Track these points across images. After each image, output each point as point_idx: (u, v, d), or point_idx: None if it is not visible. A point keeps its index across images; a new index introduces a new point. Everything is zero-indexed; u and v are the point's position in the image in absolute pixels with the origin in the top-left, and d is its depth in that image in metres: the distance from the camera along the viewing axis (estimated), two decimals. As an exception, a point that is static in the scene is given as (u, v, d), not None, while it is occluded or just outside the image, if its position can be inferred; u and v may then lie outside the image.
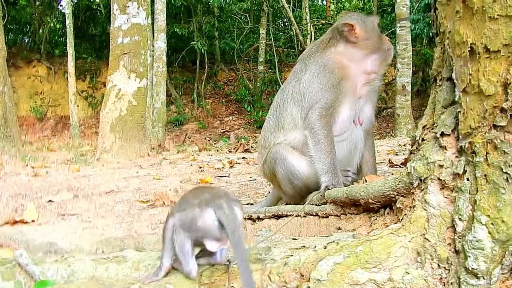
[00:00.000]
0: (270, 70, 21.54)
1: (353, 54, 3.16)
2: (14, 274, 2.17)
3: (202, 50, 19.36)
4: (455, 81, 1.87)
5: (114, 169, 7.00)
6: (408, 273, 1.81)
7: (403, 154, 6.72)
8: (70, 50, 14.60)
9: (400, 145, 8.41)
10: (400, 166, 5.21)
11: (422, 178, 1.95)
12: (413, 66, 14.31)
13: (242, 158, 8.14)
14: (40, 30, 22.92)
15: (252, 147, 10.34)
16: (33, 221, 4.05)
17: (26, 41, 23.96)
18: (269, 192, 3.86)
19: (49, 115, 21.42)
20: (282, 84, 3.77)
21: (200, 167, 6.98)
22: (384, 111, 19.81)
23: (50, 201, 4.78)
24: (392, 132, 13.88)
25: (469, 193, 1.79)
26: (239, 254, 1.77)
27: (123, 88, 8.43)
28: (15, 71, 21.10)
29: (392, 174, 4.30)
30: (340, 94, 3.05)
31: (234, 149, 10.66)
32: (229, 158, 8.04)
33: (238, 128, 19.49)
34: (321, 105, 3.04)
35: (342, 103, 3.07)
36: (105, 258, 2.28)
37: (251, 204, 4.14)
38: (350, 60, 3.15)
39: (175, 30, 18.75)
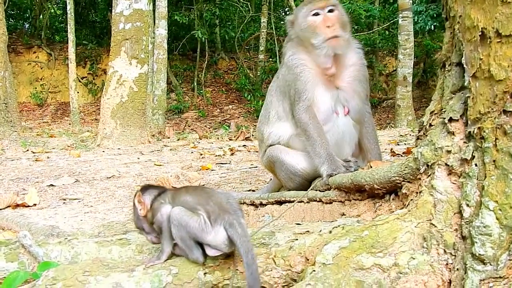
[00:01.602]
0: (270, 59, 21.47)
1: (303, 49, 3.14)
2: (18, 255, 2.16)
3: (203, 38, 19.27)
4: (464, 66, 1.84)
5: (115, 155, 7.00)
6: (414, 258, 1.80)
7: (404, 144, 6.72)
8: (71, 36, 14.52)
9: (401, 135, 8.41)
10: (401, 156, 5.21)
11: (429, 164, 1.94)
12: (414, 57, 14.25)
13: (243, 145, 8.14)
14: (41, 16, 22.76)
15: (252, 135, 10.33)
16: (34, 204, 4.07)
17: (26, 26, 23.82)
18: (271, 179, 3.85)
19: (49, 102, 21.33)
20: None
21: (201, 154, 6.98)
22: (385, 102, 19.77)
23: (51, 185, 4.79)
24: (393, 123, 13.85)
25: (477, 179, 1.77)
26: (251, 275, 1.77)
27: (124, 74, 8.40)
28: (16, 56, 21.00)
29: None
30: (307, 84, 3.04)
31: (234, 137, 10.66)
32: (230, 146, 8.04)
33: (238, 117, 19.45)
34: (298, 100, 3.05)
35: (315, 93, 3.05)
36: (109, 240, 2.28)
37: (253, 190, 4.14)
38: (305, 55, 3.13)
39: (176, 18, 18.63)
